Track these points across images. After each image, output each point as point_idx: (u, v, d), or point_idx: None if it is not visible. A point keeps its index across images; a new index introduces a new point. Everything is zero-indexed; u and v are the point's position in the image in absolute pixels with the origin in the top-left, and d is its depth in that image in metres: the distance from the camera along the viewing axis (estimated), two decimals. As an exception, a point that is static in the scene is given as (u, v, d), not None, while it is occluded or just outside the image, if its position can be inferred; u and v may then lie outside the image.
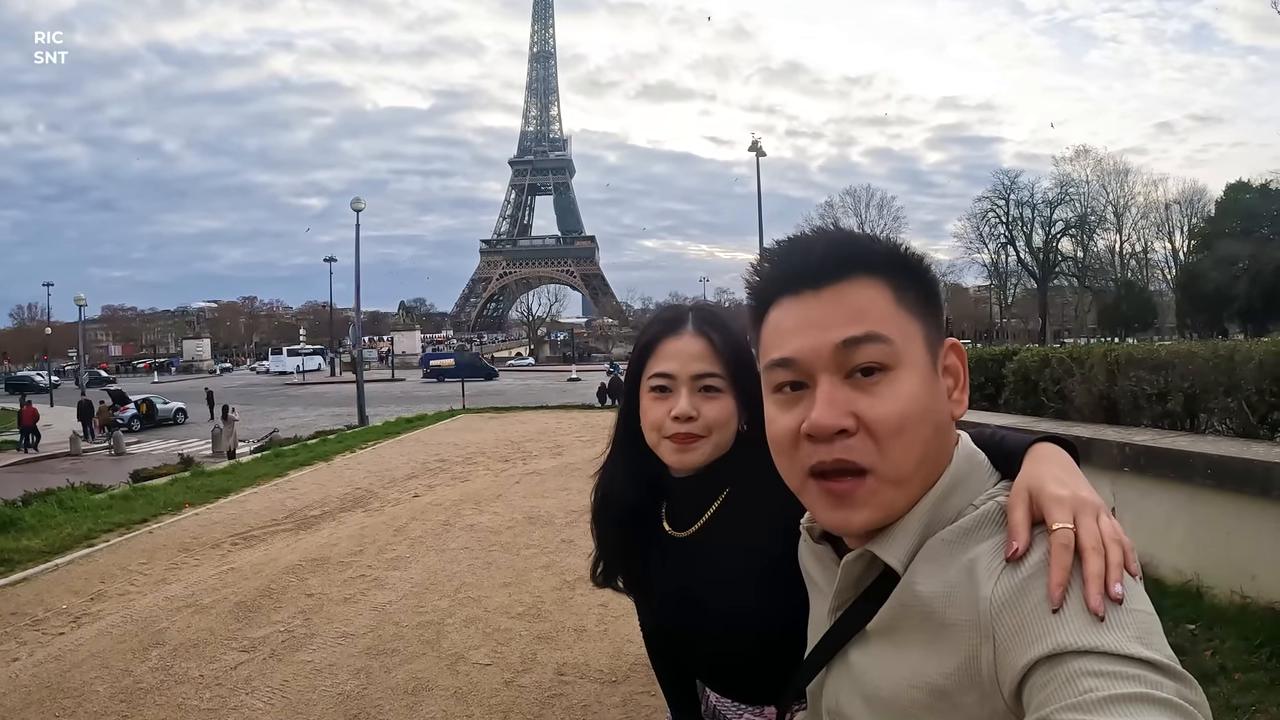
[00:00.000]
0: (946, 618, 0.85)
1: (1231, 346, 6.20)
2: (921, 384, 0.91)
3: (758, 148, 34.96)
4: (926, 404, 0.91)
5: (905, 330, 0.92)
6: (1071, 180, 70.43)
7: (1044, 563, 0.80)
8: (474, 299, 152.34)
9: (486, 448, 17.07)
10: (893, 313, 0.92)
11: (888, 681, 0.91)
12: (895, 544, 0.93)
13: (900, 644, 0.91)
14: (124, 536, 9.81)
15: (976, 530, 0.89)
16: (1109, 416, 6.81)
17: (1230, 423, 5.84)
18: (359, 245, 32.63)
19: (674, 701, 1.80)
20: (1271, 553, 4.62)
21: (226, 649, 5.62)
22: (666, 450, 1.49)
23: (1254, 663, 4.17)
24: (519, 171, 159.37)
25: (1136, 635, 0.73)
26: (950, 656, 0.84)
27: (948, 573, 0.87)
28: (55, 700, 4.94)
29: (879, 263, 0.94)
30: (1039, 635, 0.75)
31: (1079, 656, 0.72)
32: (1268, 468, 4.61)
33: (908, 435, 0.89)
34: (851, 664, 0.99)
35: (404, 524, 9.63)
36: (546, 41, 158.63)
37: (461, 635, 5.73)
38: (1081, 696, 0.69)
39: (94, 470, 20.20)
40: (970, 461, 0.97)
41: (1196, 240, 65.05)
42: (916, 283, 0.96)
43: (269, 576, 7.42)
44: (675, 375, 1.47)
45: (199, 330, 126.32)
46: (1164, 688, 0.69)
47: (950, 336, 0.98)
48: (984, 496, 0.92)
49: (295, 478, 14.42)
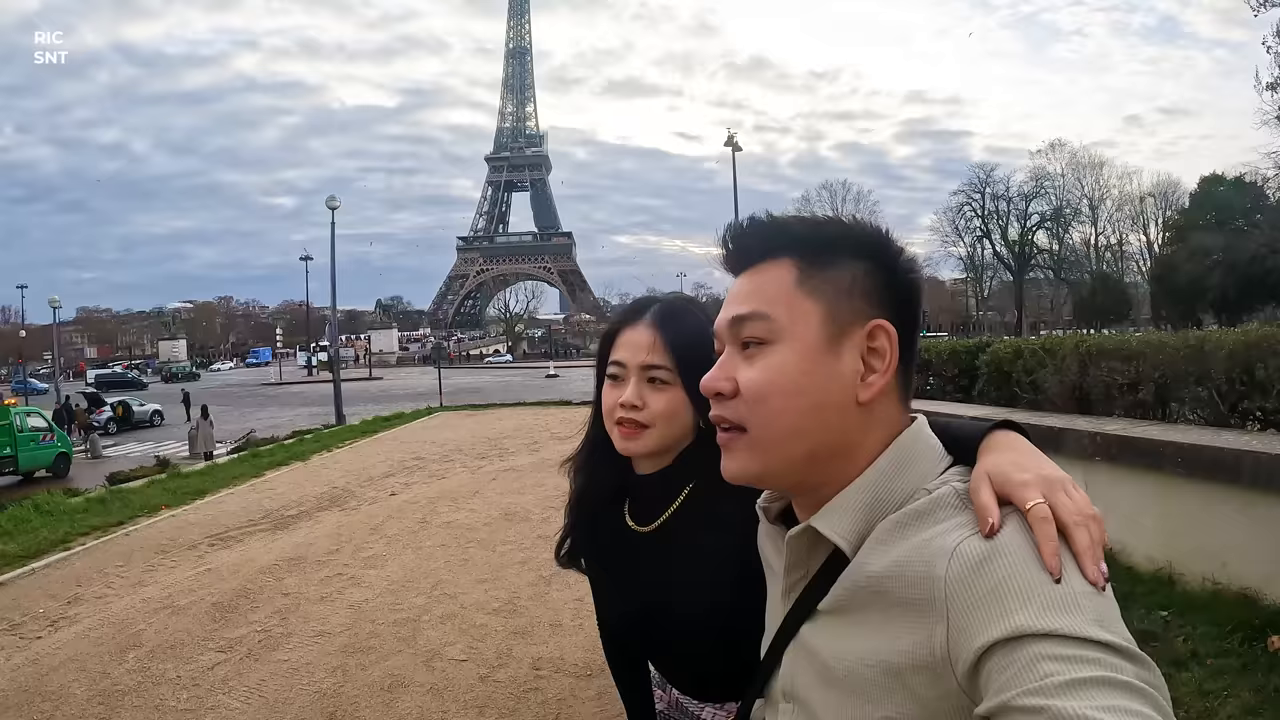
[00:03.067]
0: (899, 596, 0.85)
1: (1202, 336, 6.27)
2: (799, 360, 0.95)
3: (734, 142, 34.90)
4: (798, 380, 0.94)
5: (796, 309, 0.96)
6: (1046, 174, 70.89)
7: (1004, 544, 0.80)
8: (451, 296, 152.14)
9: (464, 445, 17.01)
10: (788, 293, 0.97)
11: (841, 660, 0.91)
12: (836, 519, 0.94)
13: (853, 623, 0.91)
14: (100, 539, 9.73)
15: (931, 513, 0.89)
16: (1081, 406, 6.86)
17: (1201, 412, 5.91)
18: (334, 243, 32.35)
19: (629, 698, 1.81)
20: (1242, 540, 4.67)
21: (203, 649, 5.59)
22: (616, 437, 1.52)
23: (1226, 648, 4.21)
24: (495, 168, 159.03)
25: (1095, 618, 0.73)
26: (904, 636, 0.84)
27: (900, 551, 0.87)
28: (33, 704, 4.91)
29: (790, 245, 1.00)
30: (996, 617, 0.75)
31: (1038, 640, 0.71)
32: (1238, 456, 4.66)
33: (771, 404, 0.95)
34: (805, 644, 0.99)
35: (381, 522, 9.59)
36: (523, 37, 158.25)
37: (438, 632, 5.72)
38: (1042, 681, 0.69)
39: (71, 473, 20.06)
40: (921, 443, 0.98)
41: (1170, 232, 65.25)
42: (831, 264, 0.98)
43: (246, 577, 7.38)
44: (626, 364, 1.52)
45: (175, 331, 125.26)
46: (1124, 670, 0.70)
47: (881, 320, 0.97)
48: (937, 481, 0.93)
49: (272, 478, 14.32)
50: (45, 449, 23.39)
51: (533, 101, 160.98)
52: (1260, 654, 4.11)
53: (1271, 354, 5.34)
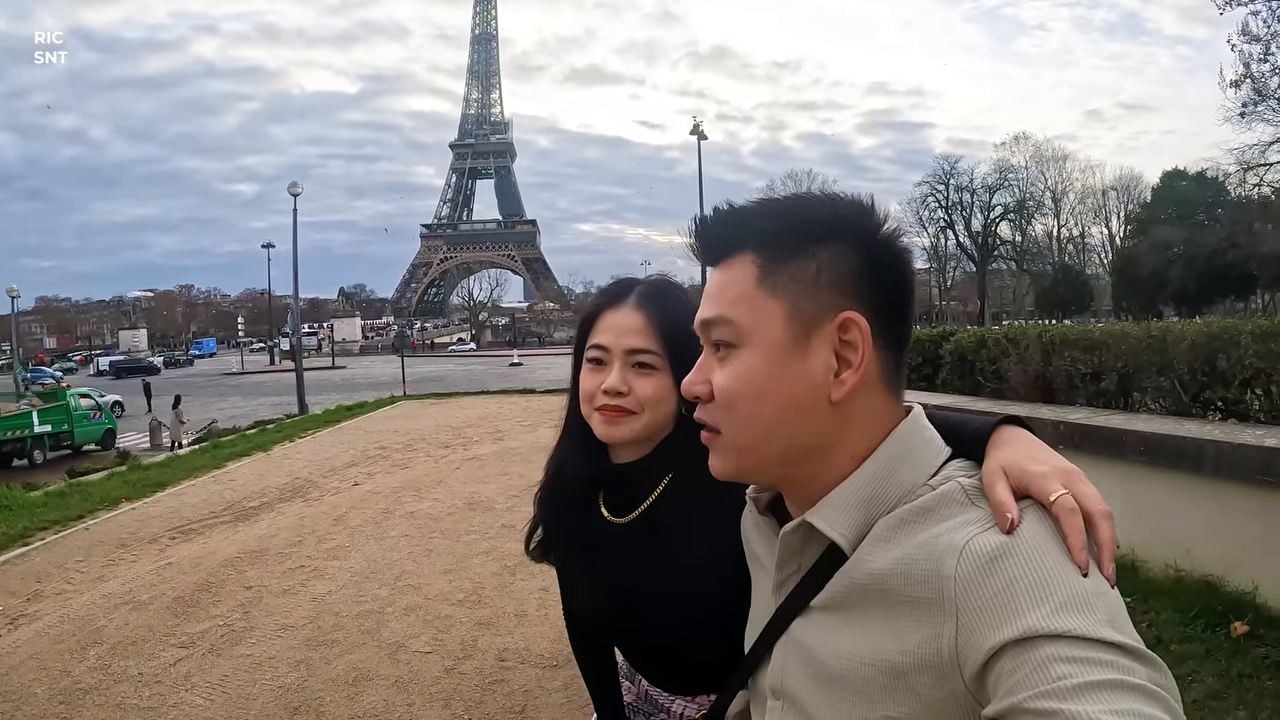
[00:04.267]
0: (904, 594, 0.83)
1: (1164, 327, 6.32)
2: (764, 363, 0.92)
3: (699, 131, 35.14)
4: (763, 384, 0.92)
5: (758, 310, 0.93)
6: (1010, 166, 71.67)
7: (1017, 541, 0.78)
8: (415, 284, 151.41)
9: (427, 434, 16.90)
10: (749, 293, 0.94)
11: (839, 658, 0.89)
12: (833, 515, 0.91)
13: (851, 620, 0.89)
14: (60, 534, 9.52)
15: (936, 509, 0.86)
16: (1044, 396, 6.93)
17: (1163, 401, 5.97)
18: (296, 231, 31.94)
19: (597, 690, 1.77)
20: (1204, 527, 4.74)
21: (165, 645, 5.50)
22: (596, 422, 1.46)
23: (1189, 634, 4.28)
24: (459, 155, 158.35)
25: (1107, 619, 0.72)
26: (909, 634, 0.82)
27: (905, 548, 0.85)
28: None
29: (750, 239, 0.96)
30: (1007, 618, 0.74)
31: (1050, 641, 0.70)
32: (1199, 445, 4.73)
33: (739, 409, 0.93)
34: (797, 640, 0.97)
35: (344, 513, 9.50)
36: (489, 23, 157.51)
37: (402, 624, 5.68)
38: (1055, 683, 0.68)
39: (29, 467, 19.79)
40: (918, 436, 0.95)
41: (1132, 226, 66.39)
42: (795, 255, 0.94)
43: (207, 570, 7.28)
44: (609, 348, 1.45)
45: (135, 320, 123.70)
46: (1136, 673, 0.69)
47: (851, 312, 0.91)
48: (941, 476, 0.90)
49: (234, 469, 14.09)
50: (95, 425, 26.26)
51: (498, 88, 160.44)
52: (1223, 639, 4.17)
53: (1233, 345, 5.40)
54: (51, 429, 24.20)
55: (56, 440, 24.54)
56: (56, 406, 24.97)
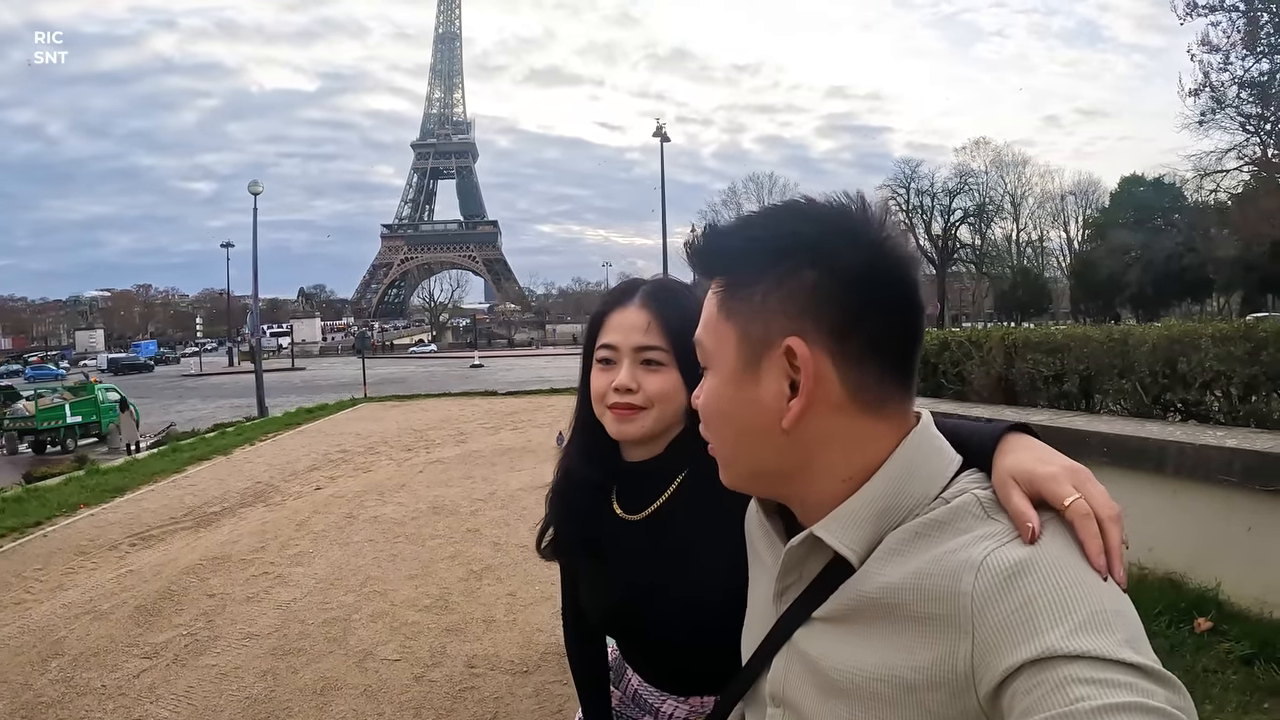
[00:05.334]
0: (916, 611, 0.81)
1: (1125, 330, 6.42)
2: (722, 386, 0.95)
3: (662, 133, 35.20)
4: (721, 406, 0.95)
5: (718, 335, 0.95)
6: (970, 170, 72.55)
7: (1036, 557, 0.76)
8: (375, 285, 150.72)
9: (389, 437, 16.76)
10: (713, 319, 0.96)
11: (846, 673, 0.87)
12: (842, 529, 0.89)
13: (859, 634, 0.87)
14: (17, 541, 9.32)
15: (951, 523, 0.84)
16: (1007, 398, 7.00)
17: (1124, 403, 6.06)
18: (256, 229, 31.85)
19: (586, 692, 1.78)
20: (1167, 525, 4.80)
21: (128, 656, 5.40)
22: (609, 421, 1.49)
23: (1153, 630, 4.29)
24: (421, 155, 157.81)
25: (1126, 639, 0.71)
26: (921, 651, 0.80)
27: (919, 563, 0.83)
28: (-50, 720, 4.71)
29: (718, 265, 0.97)
30: (1025, 637, 0.72)
31: (1068, 662, 0.69)
32: (1161, 445, 4.83)
33: (712, 428, 0.99)
34: (799, 650, 0.95)
35: (306, 518, 9.38)
36: (453, 22, 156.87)
37: (369, 631, 5.62)
38: (1073, 705, 0.67)
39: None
40: (927, 447, 0.91)
41: (1091, 230, 67.61)
42: (751, 279, 0.92)
43: (169, 578, 7.15)
44: (618, 347, 1.48)
45: (92, 320, 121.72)
46: (1155, 695, 0.67)
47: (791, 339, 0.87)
48: (956, 489, 0.88)
49: (193, 473, 13.87)
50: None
51: (460, 88, 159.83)
52: (1187, 635, 4.26)
53: (1193, 348, 5.50)
54: (81, 420, 26.72)
55: (85, 430, 26.89)
56: (86, 400, 27.34)
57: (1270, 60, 35.53)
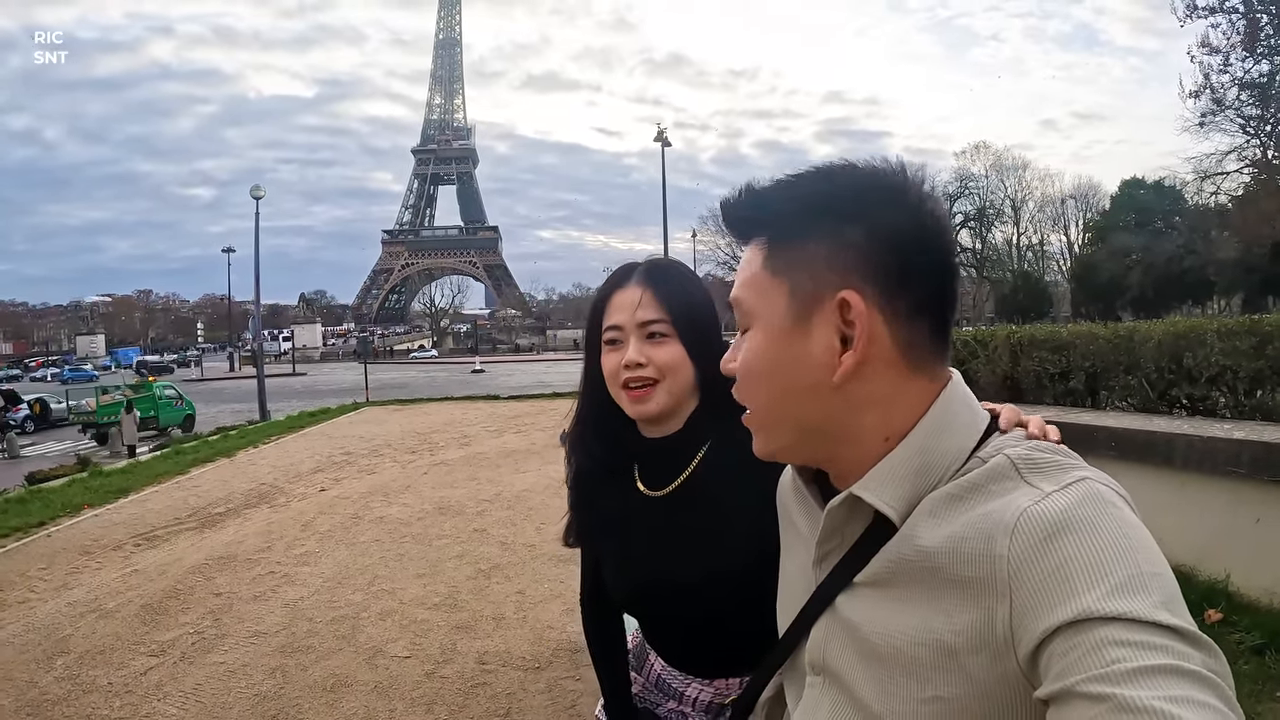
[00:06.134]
0: (955, 573, 0.81)
1: (1131, 328, 6.44)
2: (765, 344, 0.93)
3: (663, 137, 35.23)
4: (765, 363, 0.93)
5: (763, 292, 0.94)
6: (970, 174, 72.54)
7: (1065, 519, 0.76)
8: (376, 290, 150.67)
9: (393, 439, 16.76)
10: (757, 276, 0.95)
11: (886, 636, 0.87)
12: (883, 488, 0.89)
13: (899, 599, 0.87)
14: (21, 541, 9.35)
15: (985, 485, 0.84)
16: (1013, 396, 6.99)
17: (1130, 399, 6.06)
18: (258, 234, 31.82)
19: (606, 674, 1.79)
20: (1176, 519, 4.81)
21: (135, 654, 5.41)
22: (626, 403, 1.52)
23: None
24: (422, 160, 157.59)
25: (1163, 601, 0.70)
26: (960, 614, 0.80)
27: (955, 526, 0.83)
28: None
29: (763, 223, 0.96)
30: (1062, 599, 0.72)
31: (1105, 624, 0.69)
32: (1169, 439, 4.85)
33: (751, 387, 0.96)
34: (841, 616, 0.94)
35: (312, 518, 9.40)
36: (453, 28, 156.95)
37: (378, 629, 5.62)
38: (1109, 668, 0.67)
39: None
40: (958, 403, 0.92)
41: (1091, 233, 67.45)
42: (802, 234, 0.92)
43: (175, 577, 7.17)
44: (623, 325, 1.52)
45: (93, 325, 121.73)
46: (1191, 659, 0.67)
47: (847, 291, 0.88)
48: (991, 448, 0.87)
49: (197, 475, 13.90)
50: (177, 411, 31.57)
51: (461, 94, 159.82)
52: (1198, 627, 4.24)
53: (1198, 344, 5.52)
54: (140, 415, 27.91)
55: (144, 423, 28.39)
56: (145, 396, 30.49)
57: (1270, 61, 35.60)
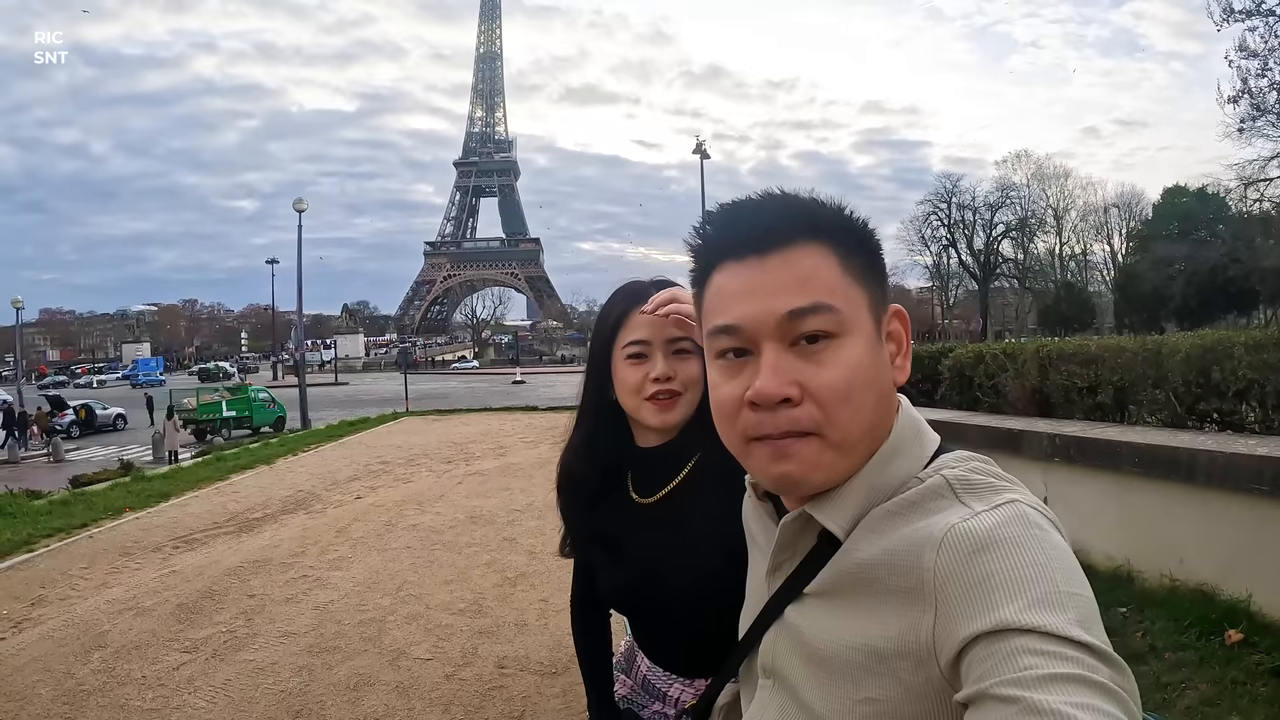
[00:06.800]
0: (889, 584, 0.86)
1: (1159, 341, 6.36)
2: (866, 352, 0.91)
3: (702, 149, 35.21)
4: (870, 372, 0.91)
5: (851, 298, 0.91)
6: (1011, 184, 71.38)
7: (991, 537, 0.80)
8: (418, 301, 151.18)
9: (429, 449, 16.95)
10: (839, 280, 0.91)
11: (827, 642, 0.92)
12: (835, 508, 0.93)
13: (841, 608, 0.91)
14: (64, 541, 9.61)
15: (921, 504, 0.88)
16: (1042, 410, 6.96)
17: (1159, 414, 5.98)
18: (301, 246, 32.24)
19: (591, 673, 1.86)
20: (1198, 536, 4.77)
21: (169, 650, 5.56)
22: (648, 412, 1.56)
23: (1183, 642, 4.30)
24: (464, 173, 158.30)
25: (1077, 619, 0.74)
26: (892, 622, 0.84)
27: (890, 540, 0.88)
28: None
29: (826, 228, 0.93)
30: (982, 610, 0.76)
31: (1021, 634, 0.73)
32: (1192, 455, 4.77)
33: (854, 403, 0.89)
34: (789, 624, 0.99)
35: (346, 525, 9.55)
36: (493, 42, 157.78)
37: (403, 632, 5.72)
38: (1021, 673, 0.70)
39: (32, 477, 19.84)
40: (912, 427, 0.97)
41: (1134, 242, 66.18)
42: (862, 248, 0.95)
43: (211, 578, 7.34)
44: (650, 341, 1.56)
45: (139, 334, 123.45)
46: (1099, 671, 0.71)
47: (896, 305, 0.97)
48: (930, 469, 0.92)
49: (237, 481, 14.19)
50: (269, 412, 33.45)
51: (502, 107, 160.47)
52: (1217, 647, 4.19)
53: (1226, 357, 5.44)
54: (235, 414, 32.01)
55: (238, 422, 31.86)
56: (240, 397, 33.24)
57: (1310, 65, 34.75)
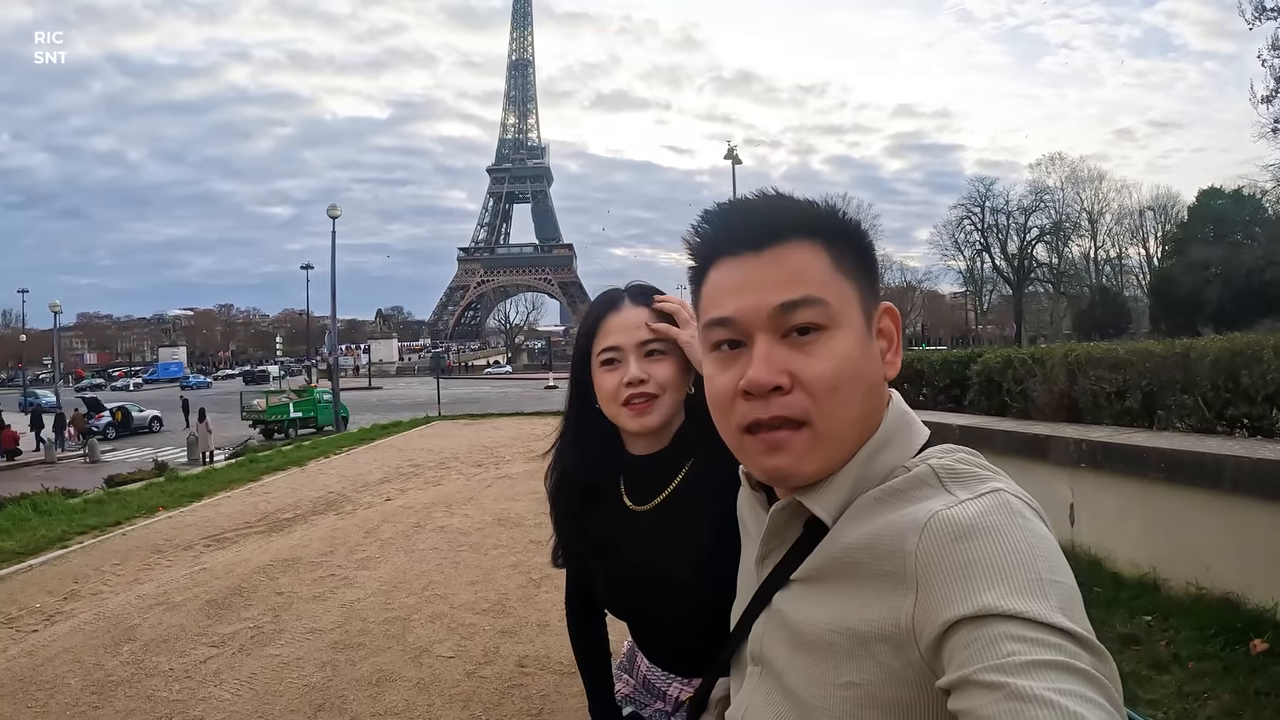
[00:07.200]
0: (871, 569, 0.88)
1: (1187, 344, 6.27)
2: (856, 344, 0.94)
3: (734, 155, 35.14)
4: (860, 364, 0.94)
5: (841, 293, 0.95)
6: (1045, 187, 70.77)
7: (974, 524, 0.82)
8: (451, 307, 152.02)
9: (460, 453, 17.04)
10: (830, 276, 0.95)
11: (810, 625, 0.93)
12: (825, 496, 0.96)
13: (826, 592, 0.93)
14: (98, 538, 9.78)
15: (908, 491, 0.91)
16: (1070, 415, 6.88)
17: (1188, 419, 5.88)
18: (335, 252, 32.61)
19: (589, 673, 1.88)
20: (1224, 544, 4.69)
21: (196, 644, 5.65)
22: (625, 417, 1.56)
23: (1208, 651, 4.23)
24: (497, 179, 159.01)
25: (1059, 605, 0.75)
26: (873, 606, 0.86)
27: (874, 525, 0.90)
28: (27, 692, 4.99)
29: (818, 226, 0.97)
30: (964, 595, 0.77)
31: (1003, 620, 0.74)
32: (1219, 461, 4.69)
33: (842, 392, 0.92)
34: (777, 611, 1.01)
35: (375, 526, 9.64)
36: (525, 49, 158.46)
37: (426, 630, 5.77)
38: (1004, 659, 0.72)
39: (69, 477, 20.18)
40: (902, 420, 1.00)
41: (1169, 246, 65.14)
42: (855, 247, 0.99)
43: (240, 576, 7.44)
44: (622, 346, 1.56)
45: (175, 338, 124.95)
46: (1081, 658, 0.72)
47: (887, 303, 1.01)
48: (917, 459, 0.95)
49: (268, 482, 14.37)
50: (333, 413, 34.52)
51: (534, 113, 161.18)
52: (1242, 657, 4.12)
53: (1255, 361, 5.36)
54: (302, 415, 34.37)
55: (304, 422, 34.07)
56: (306, 399, 35.84)
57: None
